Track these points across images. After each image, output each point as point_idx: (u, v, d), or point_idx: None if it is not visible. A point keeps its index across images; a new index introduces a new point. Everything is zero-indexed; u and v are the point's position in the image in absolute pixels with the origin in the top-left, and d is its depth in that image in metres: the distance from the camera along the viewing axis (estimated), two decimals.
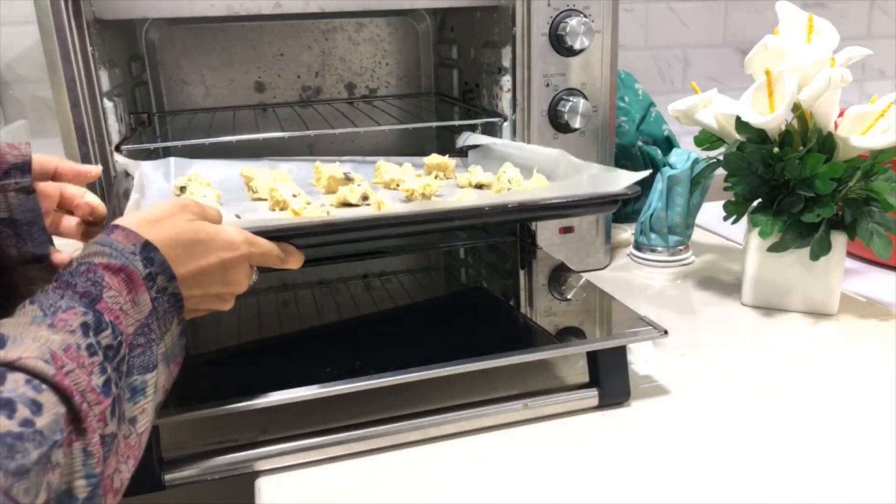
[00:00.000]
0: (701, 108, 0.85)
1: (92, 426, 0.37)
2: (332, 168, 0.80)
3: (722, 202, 0.83)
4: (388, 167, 0.84)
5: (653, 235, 0.99)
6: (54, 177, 0.56)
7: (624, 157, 1.12)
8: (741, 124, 0.78)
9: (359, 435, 0.59)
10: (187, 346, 0.49)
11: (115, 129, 0.80)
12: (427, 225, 0.62)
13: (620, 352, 0.64)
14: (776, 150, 0.77)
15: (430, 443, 0.60)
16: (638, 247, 1.01)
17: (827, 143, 0.76)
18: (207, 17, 0.83)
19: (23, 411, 0.33)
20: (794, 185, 0.76)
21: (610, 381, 0.64)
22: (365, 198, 0.73)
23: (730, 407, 0.64)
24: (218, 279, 0.50)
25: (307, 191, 0.76)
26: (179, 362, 0.48)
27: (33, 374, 0.35)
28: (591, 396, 0.64)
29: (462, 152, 0.97)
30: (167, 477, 0.55)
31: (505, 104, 0.91)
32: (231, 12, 0.79)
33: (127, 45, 0.98)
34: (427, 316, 0.78)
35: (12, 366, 0.35)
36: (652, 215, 0.98)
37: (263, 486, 0.56)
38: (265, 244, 0.54)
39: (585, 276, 0.81)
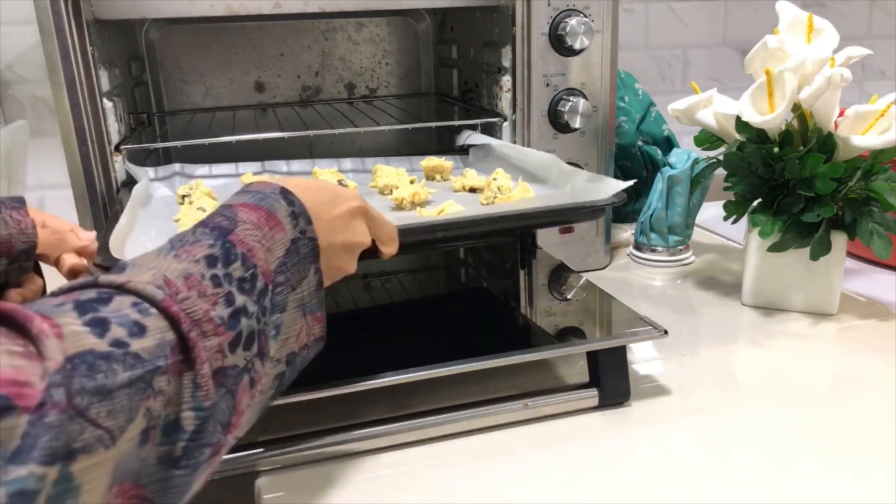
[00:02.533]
0: (701, 108, 0.85)
1: (202, 357, 0.35)
2: (327, 176, 0.81)
3: (722, 202, 0.83)
4: (385, 171, 0.84)
5: (653, 235, 0.99)
6: (57, 261, 0.59)
7: (624, 157, 1.12)
8: (741, 124, 0.78)
9: (359, 435, 0.59)
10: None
11: (114, 129, 0.80)
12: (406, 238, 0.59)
13: (620, 352, 0.64)
14: (776, 149, 0.77)
15: (430, 443, 0.60)
16: (638, 247, 1.01)
17: (827, 143, 0.76)
18: (207, 17, 0.83)
19: (117, 331, 0.32)
20: (794, 185, 0.76)
21: (610, 381, 0.64)
22: None
23: (730, 407, 0.64)
24: (345, 228, 0.49)
25: None
26: (320, 318, 0.46)
27: (142, 297, 0.34)
28: (592, 396, 0.64)
29: (463, 150, 0.97)
30: None
31: (505, 104, 0.91)
32: (231, 12, 0.79)
33: (127, 45, 0.98)
34: (427, 316, 0.78)
35: (122, 288, 0.35)
36: (652, 215, 0.98)
37: (263, 485, 0.56)
38: (375, 209, 0.54)
39: (585, 276, 0.80)
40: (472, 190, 0.82)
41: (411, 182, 0.81)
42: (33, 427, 0.27)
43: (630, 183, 0.68)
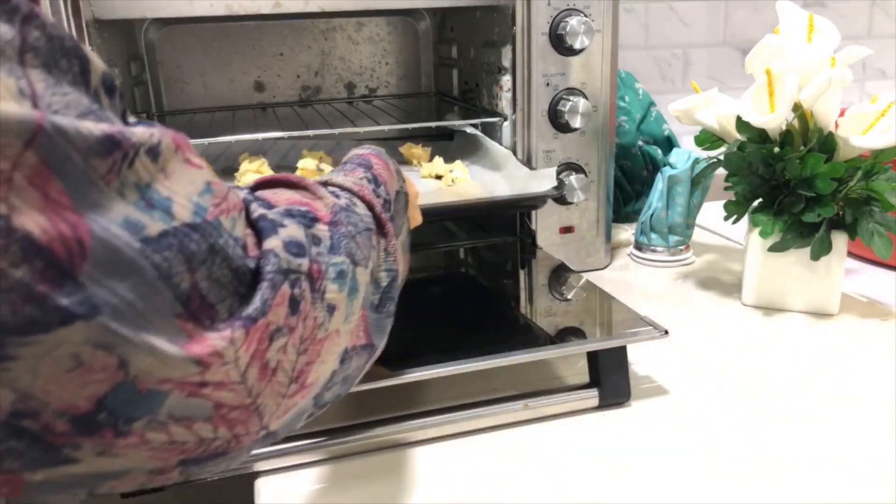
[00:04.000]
0: (701, 108, 0.85)
1: (390, 231, 0.45)
2: (306, 162, 0.87)
3: (722, 202, 0.83)
4: None
5: (653, 235, 0.99)
6: None
7: (624, 157, 1.12)
8: (741, 124, 0.78)
9: (359, 435, 0.59)
10: None
11: None
12: None
13: (621, 352, 0.64)
14: (777, 149, 0.77)
15: (430, 443, 0.60)
16: (638, 247, 1.01)
17: (827, 143, 0.75)
18: (207, 17, 0.83)
19: (345, 199, 0.41)
20: (795, 185, 0.76)
21: (610, 381, 0.64)
22: None
23: (730, 407, 0.64)
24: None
25: None
26: (408, 260, 0.54)
27: (342, 188, 0.43)
28: (592, 397, 0.64)
29: (448, 136, 1.01)
30: None
31: (505, 104, 0.91)
32: (230, 12, 0.79)
33: (126, 45, 0.98)
34: (427, 316, 0.78)
35: (326, 183, 0.43)
36: (652, 215, 0.98)
37: (263, 486, 0.55)
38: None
39: (585, 276, 0.80)
40: (438, 177, 0.89)
41: None
42: (333, 234, 0.36)
43: (554, 180, 0.81)
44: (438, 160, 0.91)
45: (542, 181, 0.82)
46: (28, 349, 0.23)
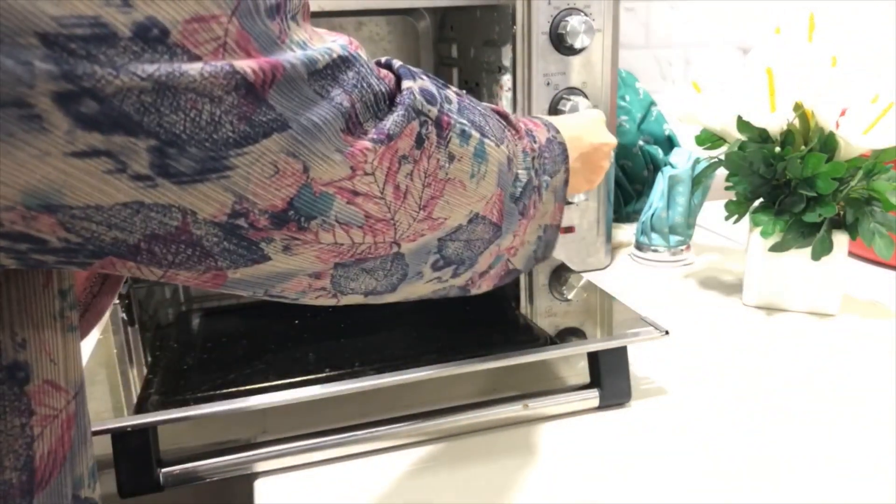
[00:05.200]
0: (702, 108, 0.84)
1: (523, 135, 0.49)
2: None
3: (723, 202, 0.83)
4: None
5: (654, 235, 0.99)
6: None
7: (625, 157, 1.12)
8: (742, 124, 0.78)
9: (358, 436, 0.59)
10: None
11: None
12: None
13: (621, 352, 0.64)
14: (777, 149, 0.77)
15: (430, 443, 0.60)
16: (639, 247, 1.01)
17: (828, 143, 0.75)
18: None
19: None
20: (796, 185, 0.76)
21: (611, 381, 0.64)
22: None
23: (730, 407, 0.64)
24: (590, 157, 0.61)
25: None
26: (562, 208, 0.56)
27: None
28: (592, 397, 0.63)
29: None
30: (165, 478, 0.55)
31: (505, 103, 0.91)
32: None
33: None
34: (427, 316, 0.78)
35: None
36: (653, 215, 0.98)
37: (262, 487, 0.55)
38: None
39: (586, 276, 0.80)
40: None
41: None
42: (462, 102, 0.41)
43: None
44: None
45: None
46: (243, 158, 0.29)
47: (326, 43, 0.33)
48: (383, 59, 0.40)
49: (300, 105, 0.31)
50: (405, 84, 0.37)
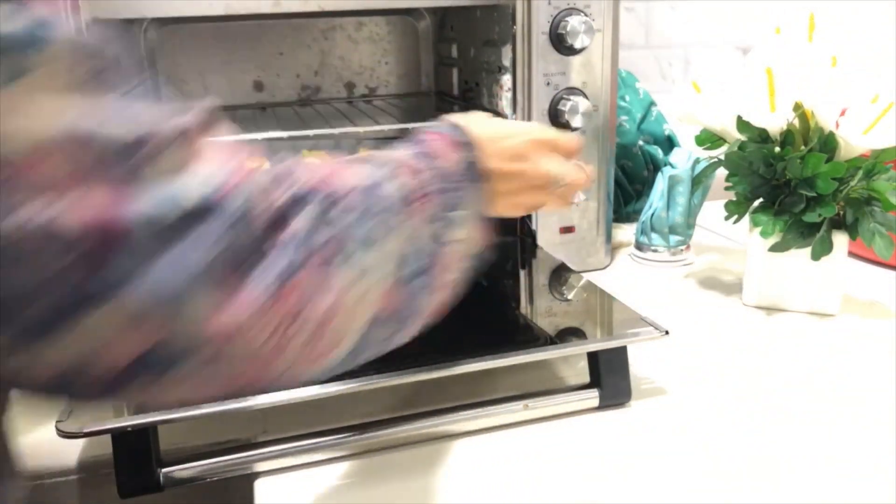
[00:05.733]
0: (702, 108, 0.84)
1: (426, 207, 0.44)
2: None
3: (723, 202, 0.83)
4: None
5: (654, 235, 0.99)
6: None
7: (625, 157, 1.12)
8: (742, 124, 0.78)
9: (358, 436, 0.59)
10: None
11: None
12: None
13: (621, 352, 0.64)
14: (777, 149, 0.77)
15: (431, 443, 0.60)
16: (639, 247, 1.01)
17: (828, 143, 0.75)
18: (206, 17, 0.83)
19: (376, 177, 0.41)
20: (796, 185, 0.76)
21: (611, 381, 0.64)
22: None
23: (730, 407, 0.64)
24: (514, 157, 0.53)
25: None
26: (485, 233, 0.52)
27: (382, 163, 0.43)
28: (592, 397, 0.63)
29: None
30: (165, 478, 0.55)
31: (505, 103, 0.91)
32: (230, 11, 0.79)
33: (126, 45, 0.98)
34: None
35: (373, 156, 0.44)
36: (653, 215, 0.98)
37: (262, 487, 0.55)
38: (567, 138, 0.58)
39: (586, 276, 0.80)
40: None
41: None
42: (344, 217, 0.37)
43: None
44: None
45: None
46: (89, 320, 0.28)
47: (201, 176, 0.30)
48: (266, 170, 0.36)
49: (155, 257, 0.28)
50: (287, 230, 0.33)
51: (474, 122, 0.52)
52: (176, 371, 0.31)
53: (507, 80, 0.89)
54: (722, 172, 0.83)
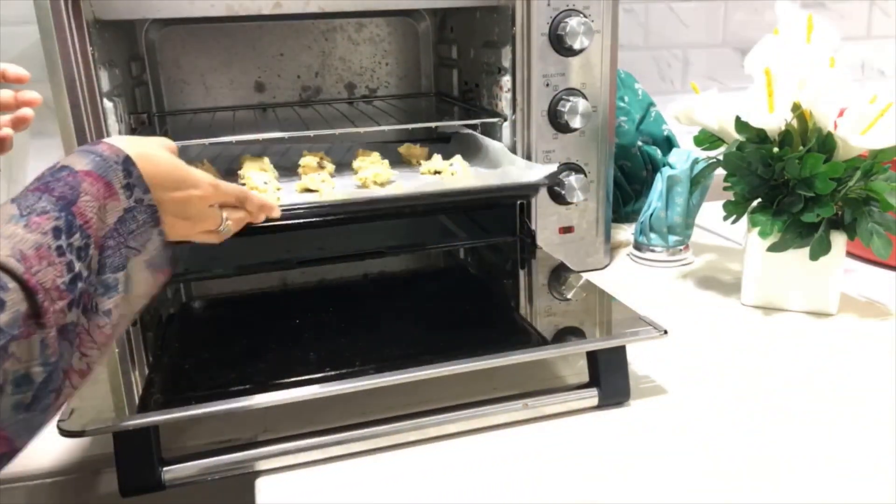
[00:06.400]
0: (700, 108, 0.85)
1: (50, 322, 0.40)
2: (308, 160, 0.88)
3: (722, 202, 0.83)
4: (362, 154, 0.91)
5: (652, 235, 0.99)
6: None
7: (624, 157, 1.12)
8: (741, 124, 0.78)
9: (359, 435, 0.59)
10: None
11: (115, 130, 0.80)
12: (353, 210, 0.77)
13: (620, 352, 0.64)
14: (776, 149, 0.77)
15: (430, 443, 0.60)
16: (638, 247, 1.01)
17: (827, 143, 0.76)
18: (207, 18, 0.83)
19: None
20: (794, 185, 0.76)
21: (610, 380, 0.64)
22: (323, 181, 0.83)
23: (730, 407, 0.64)
24: (186, 210, 0.54)
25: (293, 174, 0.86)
26: (167, 272, 0.52)
27: (4, 270, 0.39)
28: (591, 396, 0.64)
29: (446, 139, 1.03)
30: (167, 477, 0.55)
31: (505, 104, 0.91)
32: (231, 12, 0.79)
33: (127, 46, 0.98)
34: (427, 316, 0.78)
35: None
36: (652, 215, 0.98)
37: (263, 486, 0.56)
38: (229, 187, 0.59)
39: (585, 276, 0.81)
40: (437, 172, 0.89)
41: (375, 164, 0.88)
42: None
43: (555, 166, 0.83)
44: (437, 157, 0.92)
45: (538, 171, 0.82)
46: None
47: None
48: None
49: None
50: None
51: (142, 154, 0.50)
52: None
53: (506, 80, 0.90)
54: (720, 173, 0.83)
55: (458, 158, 0.90)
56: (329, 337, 0.71)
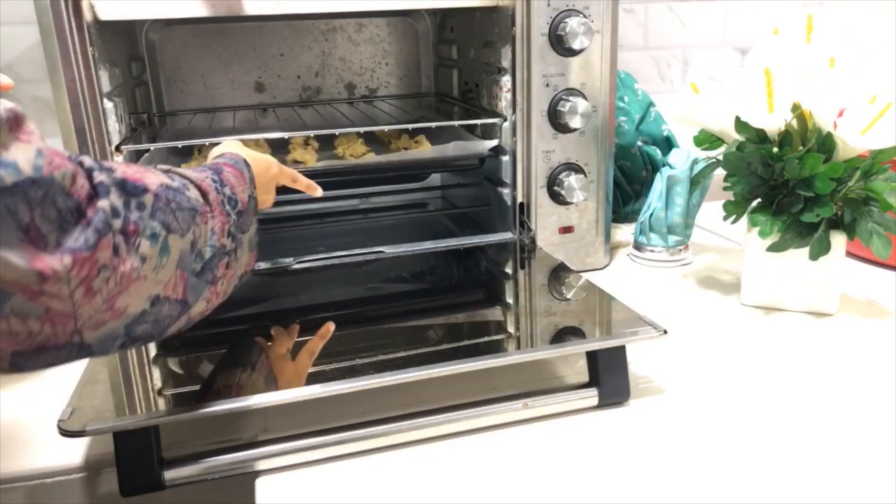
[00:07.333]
0: (701, 109, 0.85)
1: (218, 216, 0.52)
2: (297, 138, 0.96)
3: (721, 202, 0.83)
4: (342, 139, 0.98)
5: (652, 235, 0.99)
6: None
7: (623, 157, 1.12)
8: (740, 124, 0.78)
9: (359, 435, 0.59)
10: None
11: (115, 130, 0.80)
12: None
13: (620, 351, 0.64)
14: (775, 149, 0.77)
15: (430, 443, 0.60)
16: (637, 247, 1.01)
17: (826, 143, 0.76)
18: (207, 18, 0.83)
19: (179, 183, 0.49)
20: (794, 185, 0.76)
21: (610, 380, 0.64)
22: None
23: (729, 407, 0.64)
24: (268, 190, 0.68)
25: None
26: (255, 255, 0.60)
27: (182, 176, 0.50)
28: (591, 396, 0.64)
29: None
30: (167, 476, 0.55)
31: (504, 104, 0.91)
32: (231, 12, 0.79)
33: (127, 46, 0.98)
34: (427, 316, 0.78)
35: (171, 171, 0.50)
36: (651, 215, 0.98)
37: (263, 485, 0.56)
38: (287, 170, 0.71)
39: (585, 275, 0.81)
40: (405, 148, 0.99)
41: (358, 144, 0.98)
42: (155, 205, 0.45)
43: (493, 143, 0.92)
44: (405, 136, 1.00)
45: (484, 143, 0.92)
46: None
47: (20, 160, 0.37)
48: (86, 163, 0.42)
49: None
50: (99, 203, 0.41)
51: (248, 156, 0.63)
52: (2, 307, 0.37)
53: (506, 81, 0.90)
54: (720, 173, 0.83)
55: (422, 137, 0.99)
56: (329, 338, 0.71)
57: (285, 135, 0.88)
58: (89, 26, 0.74)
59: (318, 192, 0.75)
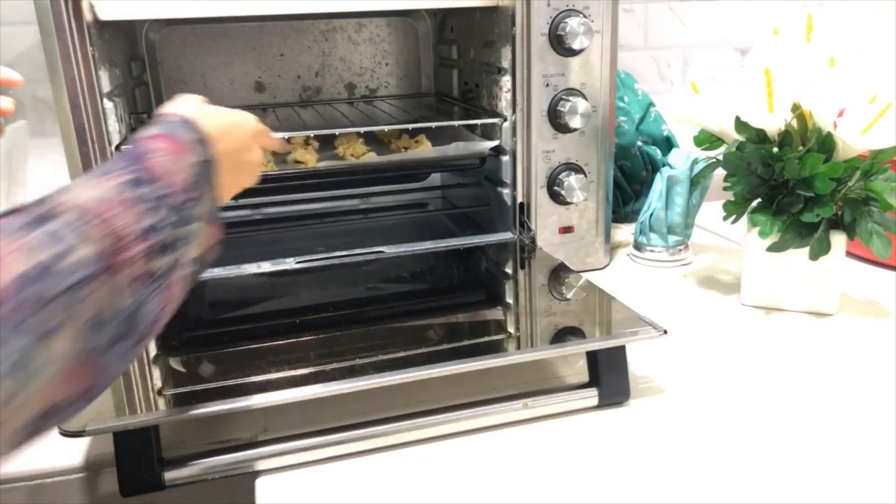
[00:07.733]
0: (700, 109, 0.85)
1: (134, 243, 0.40)
2: (297, 138, 0.96)
3: (721, 202, 0.83)
4: (342, 139, 0.98)
5: (652, 235, 0.99)
6: None
7: (623, 157, 1.12)
8: (740, 124, 0.78)
9: (359, 435, 0.59)
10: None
11: (115, 130, 0.80)
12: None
13: (620, 351, 0.64)
14: (775, 149, 0.77)
15: (430, 443, 0.60)
16: (637, 247, 1.01)
17: (826, 143, 0.76)
18: (207, 18, 0.83)
19: (58, 247, 0.35)
20: (794, 185, 0.76)
21: (610, 380, 0.64)
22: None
23: (729, 407, 0.64)
24: (246, 149, 0.58)
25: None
26: (218, 226, 0.52)
27: (78, 215, 0.37)
28: (591, 396, 0.64)
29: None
30: (167, 476, 0.55)
31: (504, 104, 0.91)
32: (231, 12, 0.79)
33: (127, 46, 0.98)
34: (427, 316, 0.78)
35: (60, 207, 0.37)
36: (651, 215, 0.98)
37: (263, 485, 0.56)
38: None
39: (585, 275, 0.81)
40: (405, 148, 0.99)
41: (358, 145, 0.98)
42: (12, 317, 0.32)
43: (494, 143, 0.92)
44: (405, 136, 1.00)
45: (483, 144, 0.93)
46: None
47: None
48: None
49: None
50: None
51: (200, 113, 0.53)
52: None
53: (506, 81, 0.90)
54: (720, 173, 0.83)
55: (422, 137, 0.98)
56: (329, 337, 0.71)
57: (285, 135, 0.88)
58: (89, 26, 0.74)
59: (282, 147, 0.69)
